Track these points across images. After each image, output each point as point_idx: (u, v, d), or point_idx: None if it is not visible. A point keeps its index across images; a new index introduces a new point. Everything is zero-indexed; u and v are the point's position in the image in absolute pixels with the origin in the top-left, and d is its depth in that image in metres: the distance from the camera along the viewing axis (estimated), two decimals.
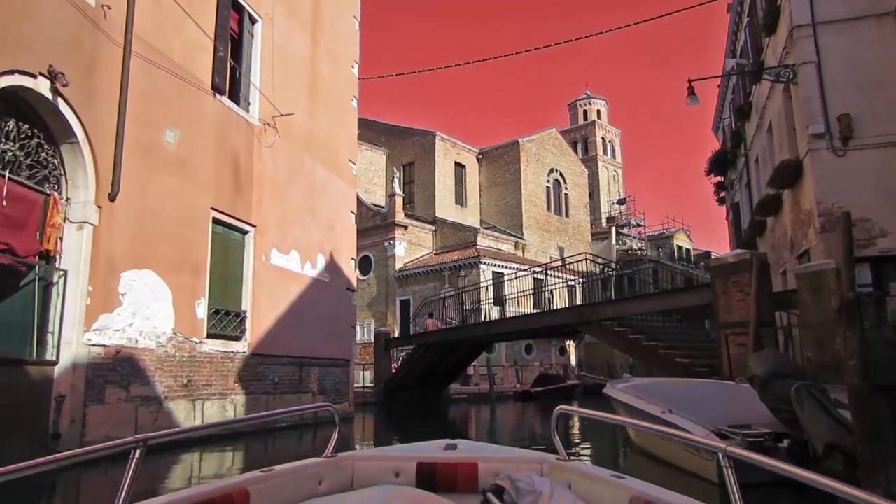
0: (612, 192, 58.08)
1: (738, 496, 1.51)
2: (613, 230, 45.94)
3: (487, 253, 32.98)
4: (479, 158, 42.33)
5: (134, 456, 1.68)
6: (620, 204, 51.29)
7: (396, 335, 27.50)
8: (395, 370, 21.54)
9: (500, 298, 27.28)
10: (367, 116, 41.81)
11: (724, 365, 9.50)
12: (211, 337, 9.76)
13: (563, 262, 20.58)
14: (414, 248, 35.34)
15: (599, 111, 61.80)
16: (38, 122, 7.31)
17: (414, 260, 34.80)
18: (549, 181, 42.59)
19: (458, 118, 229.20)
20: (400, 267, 33.99)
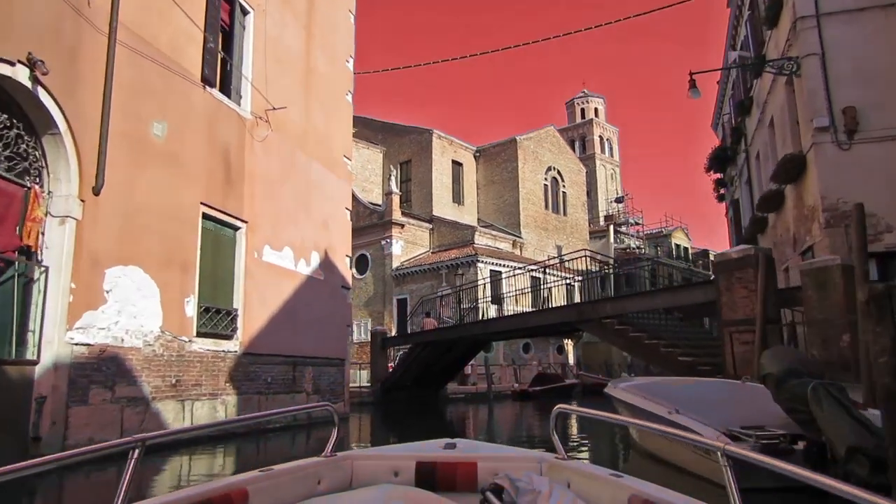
0: (609, 190, 57.89)
1: (737, 496, 1.49)
2: (611, 228, 45.76)
3: (485, 251, 32.75)
4: (476, 156, 42.08)
5: (132, 456, 1.68)
6: (618, 202, 51.09)
7: (393, 334, 27.26)
8: (391, 369, 21.31)
9: (497, 297, 27.03)
10: (363, 114, 41.59)
11: (728, 363, 9.27)
12: (201, 335, 9.47)
13: (560, 259, 20.34)
14: (411, 246, 35.11)
15: (597, 109, 61.62)
16: (17, 112, 7.02)
17: (411, 258, 34.57)
18: (546, 179, 42.36)
19: (455, 117, 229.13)
20: (397, 265, 33.76)
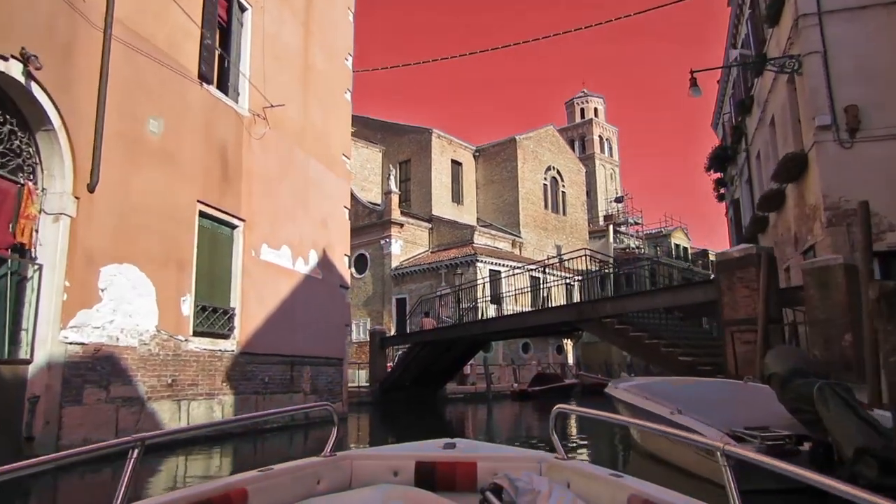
0: (609, 190, 57.82)
1: (737, 497, 1.48)
2: (611, 228, 45.70)
3: (484, 251, 32.67)
4: (475, 156, 41.99)
5: (132, 456, 1.68)
6: (618, 202, 51.01)
7: (392, 334, 27.17)
8: (390, 369, 21.22)
9: (497, 297, 26.95)
10: (363, 113, 41.49)
11: (729, 363, 9.19)
12: (197, 335, 9.38)
13: (559, 258, 20.25)
14: (410, 246, 35.02)
15: (597, 109, 61.56)
16: (10, 107, 6.93)
17: (410, 258, 34.48)
18: (546, 179, 42.28)
19: (454, 116, 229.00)
20: (396, 265, 33.67)
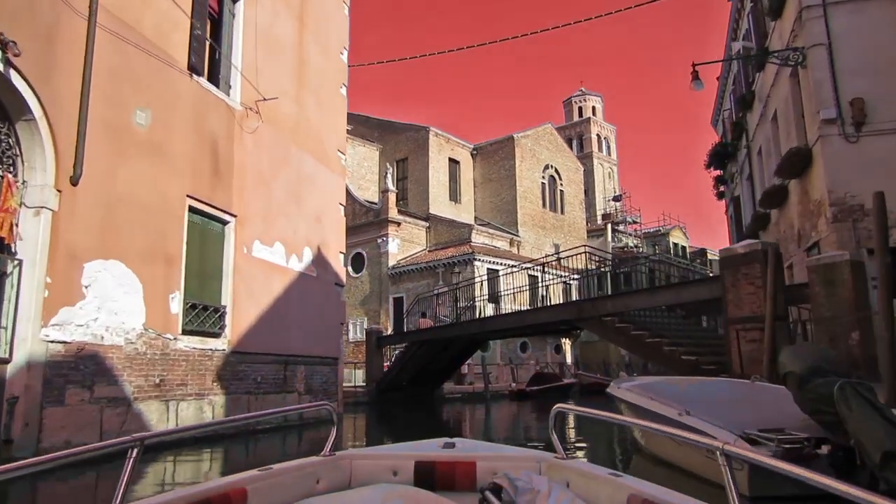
0: (607, 189, 57.62)
1: (736, 497, 1.48)
2: (609, 227, 45.48)
3: (482, 250, 32.42)
4: (473, 154, 41.74)
5: (131, 455, 1.67)
6: (616, 201, 50.79)
7: (390, 333, 26.90)
8: (387, 369, 20.97)
9: (494, 295, 26.70)
10: (360, 111, 41.20)
11: (734, 362, 8.96)
12: (186, 333, 9.10)
13: (557, 257, 20.01)
14: (407, 244, 34.76)
15: (594, 108, 61.36)
16: None
17: (407, 257, 34.22)
18: (544, 177, 42.04)
19: (452, 115, 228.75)
20: (393, 264, 33.41)
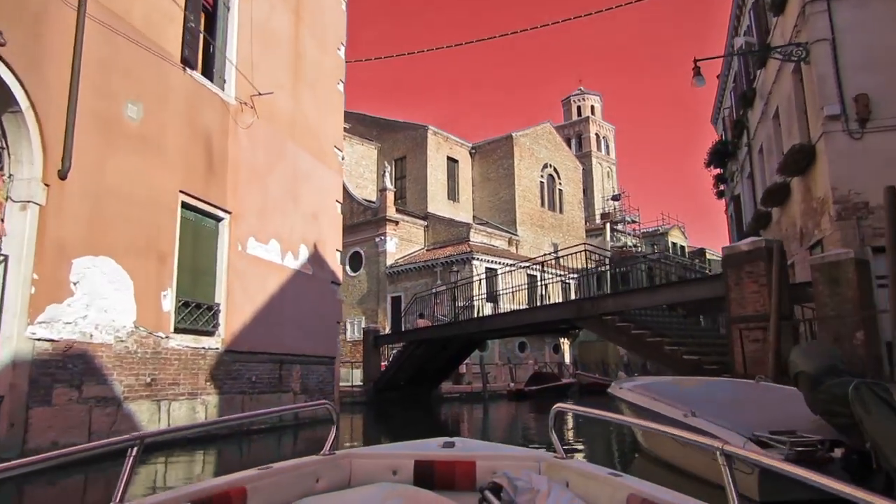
0: (606, 188, 57.49)
1: (735, 498, 1.47)
2: (608, 227, 45.36)
3: (480, 249, 32.25)
4: (471, 153, 41.56)
5: (131, 454, 1.68)
6: (615, 200, 50.64)
7: (387, 332, 26.72)
8: (384, 368, 20.79)
9: (493, 295, 26.52)
10: (358, 110, 41.02)
11: (737, 362, 8.80)
12: (179, 331, 8.92)
13: (556, 255, 19.84)
14: (405, 243, 34.58)
15: (593, 107, 61.22)
16: None
17: (405, 256, 34.03)
18: (542, 176, 41.88)
19: (451, 113, 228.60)
20: (391, 263, 33.23)
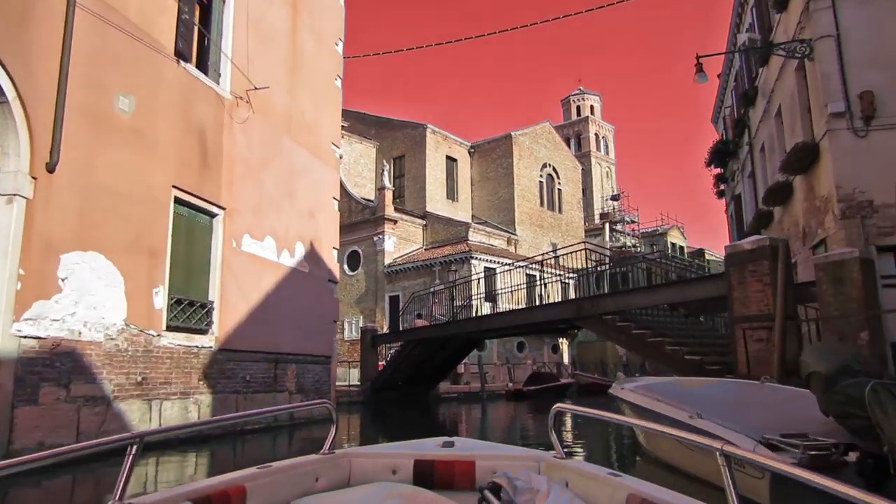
0: (605, 188, 57.36)
1: (735, 498, 1.48)
2: (607, 226, 45.21)
3: (479, 248, 32.08)
4: (470, 152, 41.39)
5: (130, 452, 1.69)
6: (614, 200, 50.49)
7: (385, 331, 26.55)
8: (382, 368, 20.61)
9: (492, 294, 26.37)
10: (357, 108, 40.85)
11: (740, 362, 8.63)
12: (171, 329, 8.74)
13: (555, 254, 19.69)
14: (404, 243, 34.41)
15: (593, 107, 61.10)
16: None
17: (404, 255, 33.86)
18: (542, 176, 41.71)
19: (450, 112, 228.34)
20: (389, 262, 33.05)
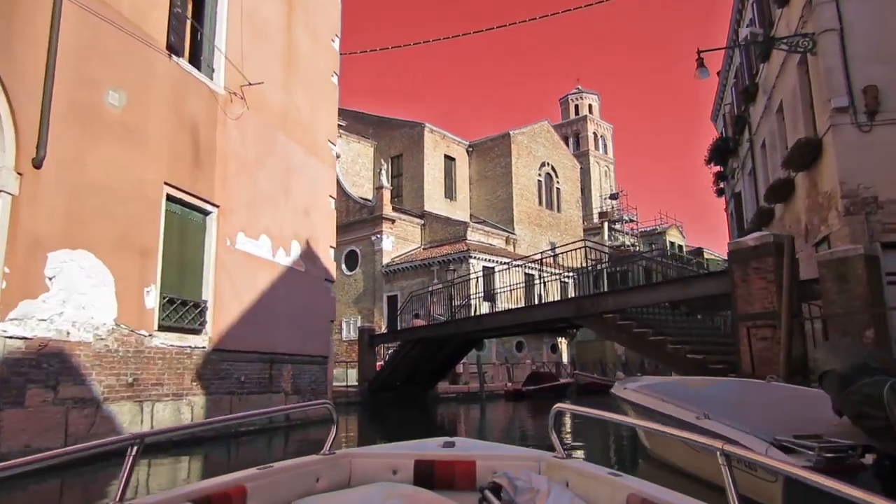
0: (603, 187, 57.23)
1: (735, 498, 1.47)
2: (605, 225, 45.07)
3: (477, 247, 31.91)
4: (469, 151, 41.22)
5: (131, 453, 1.71)
6: (613, 199, 50.35)
7: (383, 331, 26.36)
8: (380, 368, 20.44)
9: (490, 294, 26.21)
10: (354, 107, 40.68)
11: (744, 361, 8.47)
12: (163, 329, 8.56)
13: (553, 251, 19.53)
14: (402, 242, 34.23)
15: (591, 106, 60.97)
16: None
17: (402, 255, 33.69)
18: (540, 175, 41.56)
19: (448, 112, 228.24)
20: (387, 262, 32.88)
